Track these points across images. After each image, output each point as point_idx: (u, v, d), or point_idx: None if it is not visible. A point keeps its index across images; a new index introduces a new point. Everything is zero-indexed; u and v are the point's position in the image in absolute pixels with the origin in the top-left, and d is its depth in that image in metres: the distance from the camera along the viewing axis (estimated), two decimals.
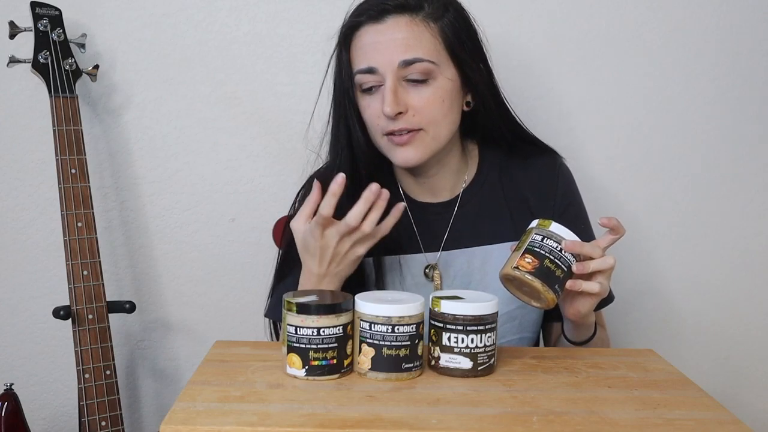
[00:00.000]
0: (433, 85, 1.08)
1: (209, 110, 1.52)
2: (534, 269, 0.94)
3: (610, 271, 1.00)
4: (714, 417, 0.81)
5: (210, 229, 1.56)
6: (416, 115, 1.08)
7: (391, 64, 1.06)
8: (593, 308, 1.04)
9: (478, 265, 1.17)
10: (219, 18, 1.50)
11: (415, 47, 1.06)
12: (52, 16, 1.38)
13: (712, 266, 1.59)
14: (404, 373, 0.89)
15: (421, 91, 1.08)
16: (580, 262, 0.97)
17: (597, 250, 0.98)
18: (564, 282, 0.97)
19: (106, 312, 1.39)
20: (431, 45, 1.08)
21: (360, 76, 1.10)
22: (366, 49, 1.09)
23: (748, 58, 1.54)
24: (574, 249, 0.96)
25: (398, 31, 1.07)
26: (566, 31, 1.52)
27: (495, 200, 1.20)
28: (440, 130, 1.10)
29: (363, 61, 1.09)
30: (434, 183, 1.19)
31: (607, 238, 1.02)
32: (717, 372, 1.62)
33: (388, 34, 1.07)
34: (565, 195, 1.21)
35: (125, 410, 1.48)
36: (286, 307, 0.88)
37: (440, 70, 1.08)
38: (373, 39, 1.08)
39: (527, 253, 0.96)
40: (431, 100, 1.08)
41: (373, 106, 1.09)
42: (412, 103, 1.07)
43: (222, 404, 0.79)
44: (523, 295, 1.00)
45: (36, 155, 1.51)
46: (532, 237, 0.98)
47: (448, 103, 1.10)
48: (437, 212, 1.20)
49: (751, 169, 1.57)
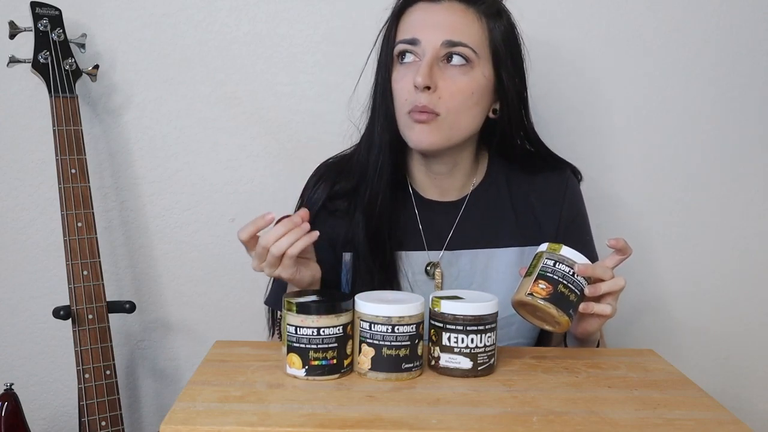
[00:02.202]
0: (468, 75, 1.09)
1: (209, 110, 1.52)
2: (548, 295, 0.95)
3: (620, 292, 1.01)
4: (714, 417, 0.81)
5: (210, 229, 1.56)
6: (441, 97, 1.08)
7: (435, 41, 1.08)
8: (601, 327, 1.05)
9: (481, 268, 1.18)
10: (219, 18, 1.50)
11: (462, 32, 1.08)
12: (52, 16, 1.38)
13: (712, 266, 1.59)
14: (404, 373, 0.89)
15: (455, 76, 1.08)
16: (591, 284, 0.98)
17: (608, 272, 0.99)
18: (577, 305, 0.97)
19: (106, 312, 1.39)
20: (478, 37, 1.09)
21: (401, 45, 1.11)
22: (415, 22, 1.11)
23: (748, 58, 1.54)
24: (586, 272, 0.97)
25: (451, 14, 1.09)
26: (566, 31, 1.52)
27: (501, 205, 1.20)
28: (459, 121, 1.10)
29: (409, 32, 1.10)
30: (444, 182, 1.19)
31: (614, 258, 1.03)
32: (717, 372, 1.62)
33: (441, 14, 1.09)
34: (572, 206, 1.21)
35: (125, 410, 1.48)
36: (286, 307, 0.88)
37: (479, 64, 1.09)
38: (424, 15, 1.10)
39: (540, 278, 0.96)
40: (461, 87, 1.09)
41: (406, 79, 1.10)
42: (443, 85, 1.08)
43: (222, 404, 0.79)
44: (535, 319, 1.00)
45: (36, 155, 1.51)
46: (544, 262, 0.97)
47: (476, 98, 1.10)
48: (444, 211, 1.20)
49: (751, 170, 1.57)
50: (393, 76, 1.12)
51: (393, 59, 1.13)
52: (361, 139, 1.20)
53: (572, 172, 1.24)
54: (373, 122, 1.16)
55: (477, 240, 1.18)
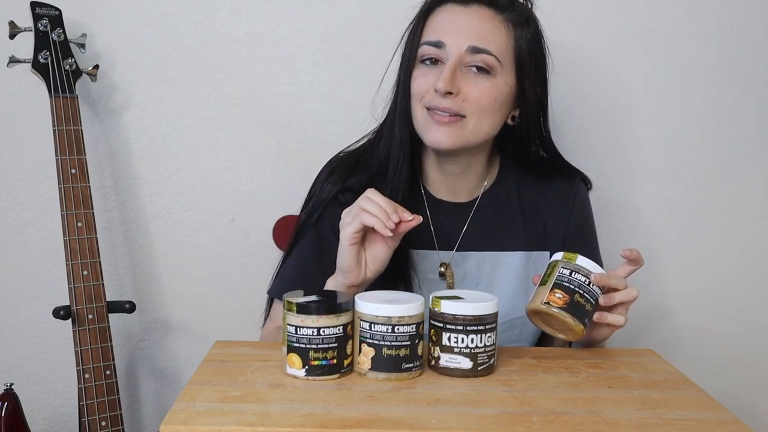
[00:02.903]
0: (491, 81, 1.09)
1: (209, 110, 1.52)
2: (565, 304, 0.95)
3: (633, 302, 1.02)
4: (714, 417, 0.81)
5: (210, 229, 1.56)
6: (466, 101, 1.08)
7: (460, 46, 1.07)
8: (610, 336, 1.06)
9: (488, 270, 1.18)
10: (219, 18, 1.50)
11: (488, 39, 1.08)
12: (52, 16, 1.38)
13: (712, 266, 1.59)
14: (404, 373, 0.89)
15: (478, 81, 1.08)
16: (605, 294, 0.98)
17: (622, 281, 1.01)
18: (592, 314, 0.98)
19: (106, 312, 1.38)
20: (503, 45, 1.09)
21: (425, 47, 1.10)
22: (442, 24, 1.10)
23: (748, 58, 1.54)
24: (602, 282, 0.98)
25: (478, 20, 1.08)
26: (566, 31, 1.51)
27: (511, 208, 1.21)
28: (482, 125, 1.10)
29: (434, 34, 1.10)
30: (457, 182, 1.19)
31: (626, 268, 1.04)
32: (717, 372, 1.62)
33: (468, 18, 1.09)
34: (580, 213, 1.22)
35: (125, 410, 1.48)
36: (286, 307, 0.88)
37: (502, 71, 1.09)
38: (452, 18, 1.10)
39: (557, 288, 0.96)
40: (486, 93, 1.08)
41: (427, 78, 1.10)
42: (466, 89, 1.08)
43: (222, 404, 0.79)
44: (549, 327, 1.00)
45: (36, 155, 1.51)
46: (560, 271, 0.97)
47: (499, 104, 1.10)
48: (454, 212, 1.20)
49: (751, 170, 1.57)
50: (413, 73, 1.12)
51: (416, 57, 1.12)
52: (377, 134, 1.20)
53: (582, 180, 1.24)
54: (393, 119, 1.16)
55: (485, 242, 1.19)
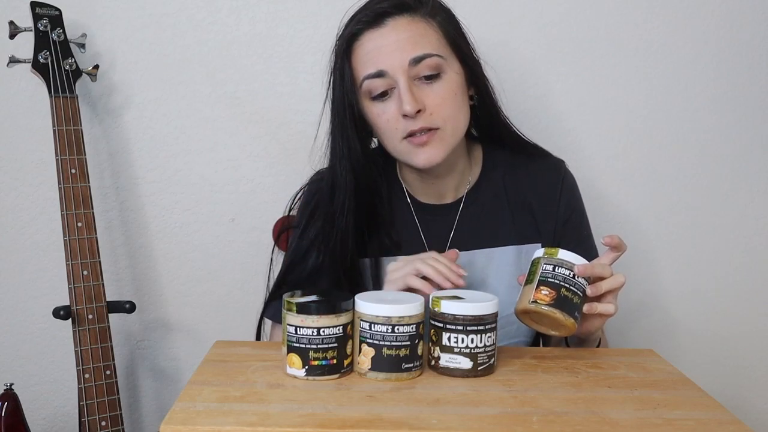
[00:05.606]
0: (444, 79, 1.08)
1: (209, 110, 1.52)
2: (552, 300, 0.94)
3: (620, 289, 1.01)
4: (714, 417, 0.81)
5: (210, 229, 1.56)
6: (433, 113, 1.07)
7: (402, 64, 1.06)
8: (603, 325, 1.05)
9: (480, 268, 1.18)
10: (219, 18, 1.50)
11: (421, 44, 1.07)
12: (52, 16, 1.38)
13: (712, 266, 1.59)
14: (404, 373, 0.89)
15: (434, 87, 1.08)
16: (592, 284, 0.98)
17: (607, 269, 1.00)
18: (581, 307, 0.97)
19: (106, 312, 1.38)
20: (435, 40, 1.08)
21: (369, 82, 1.08)
22: (372, 54, 1.08)
23: (748, 58, 1.54)
24: (586, 272, 0.97)
25: (401, 32, 1.07)
26: (566, 31, 1.52)
27: (498, 203, 1.20)
28: (458, 125, 1.11)
29: (370, 66, 1.07)
30: (440, 185, 1.19)
31: (610, 255, 1.04)
32: (717, 372, 1.62)
33: (392, 36, 1.07)
34: (569, 202, 1.21)
35: (125, 410, 1.48)
36: (286, 307, 0.88)
37: (448, 64, 1.09)
38: (378, 44, 1.07)
39: (542, 285, 0.95)
40: (445, 95, 1.08)
41: (389, 111, 1.08)
42: (428, 101, 1.07)
43: (222, 404, 0.79)
44: (540, 326, 0.99)
45: (36, 155, 1.51)
46: (543, 267, 0.97)
47: (460, 96, 1.10)
48: (442, 214, 1.20)
49: (751, 170, 1.57)
50: (374, 112, 1.10)
51: (361, 99, 1.11)
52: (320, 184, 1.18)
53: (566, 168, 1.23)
54: (334, 165, 1.15)
55: (475, 240, 1.18)
